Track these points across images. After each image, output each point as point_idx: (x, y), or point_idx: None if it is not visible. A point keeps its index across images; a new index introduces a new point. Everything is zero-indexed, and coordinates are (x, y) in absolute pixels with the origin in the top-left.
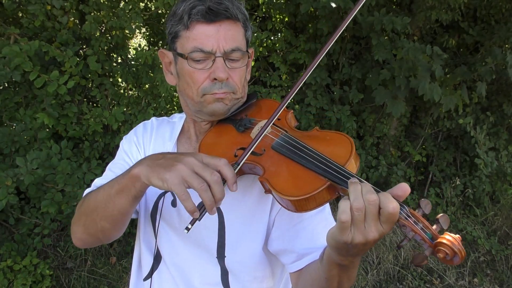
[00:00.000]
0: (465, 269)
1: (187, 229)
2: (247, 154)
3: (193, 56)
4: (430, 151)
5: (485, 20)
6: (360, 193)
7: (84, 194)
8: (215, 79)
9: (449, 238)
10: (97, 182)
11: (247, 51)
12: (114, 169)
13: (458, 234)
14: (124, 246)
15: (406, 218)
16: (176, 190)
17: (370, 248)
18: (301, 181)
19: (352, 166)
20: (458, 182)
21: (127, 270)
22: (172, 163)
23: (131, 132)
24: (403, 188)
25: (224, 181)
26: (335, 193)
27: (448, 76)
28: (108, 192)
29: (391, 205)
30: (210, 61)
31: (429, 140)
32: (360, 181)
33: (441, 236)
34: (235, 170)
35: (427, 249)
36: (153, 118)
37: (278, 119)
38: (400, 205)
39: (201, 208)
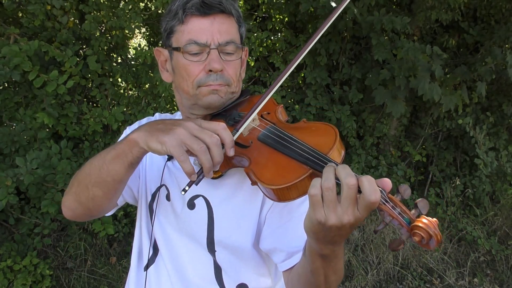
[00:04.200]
0: (465, 269)
1: (184, 190)
2: (243, 124)
3: (188, 49)
4: (430, 151)
5: (485, 20)
6: (333, 174)
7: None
8: (210, 70)
9: (425, 221)
10: None
11: (241, 45)
12: None
13: (458, 234)
14: (124, 246)
15: (384, 203)
16: (174, 152)
17: (347, 234)
18: (284, 170)
19: (336, 154)
20: (458, 182)
21: (127, 270)
22: (171, 128)
23: (135, 123)
24: (384, 184)
25: (222, 145)
26: None
27: (448, 76)
28: (103, 157)
29: (374, 195)
30: (205, 54)
31: (429, 140)
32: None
33: (418, 219)
34: (234, 136)
35: (404, 234)
36: (157, 114)
37: (268, 113)
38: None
39: (198, 171)
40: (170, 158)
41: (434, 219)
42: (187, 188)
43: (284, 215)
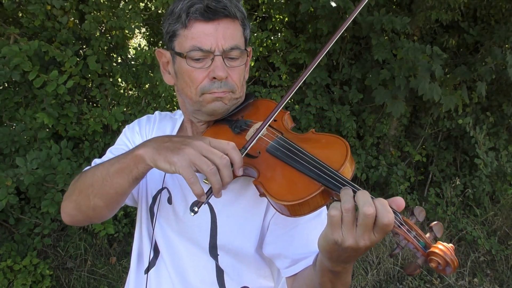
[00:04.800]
0: (465, 269)
1: (194, 211)
2: (251, 143)
3: (192, 55)
4: (430, 151)
5: (485, 20)
6: (352, 197)
7: (83, 171)
8: (214, 78)
9: (441, 247)
10: (97, 161)
11: (245, 49)
12: (116, 152)
13: (458, 234)
14: (124, 246)
15: (399, 226)
16: (184, 173)
17: (361, 255)
18: (295, 185)
19: (347, 170)
20: (458, 182)
21: (127, 270)
22: (180, 146)
23: (135, 122)
24: (397, 203)
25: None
26: (329, 198)
27: (448, 76)
28: (107, 169)
29: (387, 217)
30: (209, 60)
31: (429, 140)
32: (357, 188)
33: (434, 245)
34: (242, 154)
35: (420, 258)
36: (157, 112)
37: (275, 120)
38: (394, 213)
39: (208, 191)
40: None
41: (450, 245)
42: (196, 209)
43: (289, 221)
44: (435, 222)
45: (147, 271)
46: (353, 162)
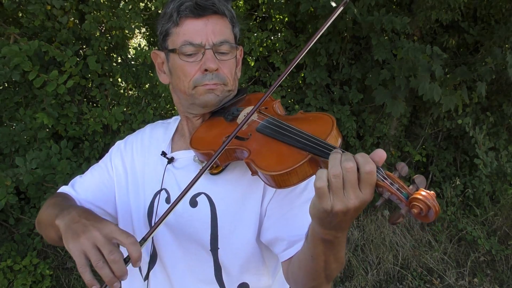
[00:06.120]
0: (465, 269)
1: None
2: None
3: (184, 50)
4: (430, 151)
5: (485, 20)
6: (339, 161)
7: (59, 190)
8: (206, 70)
9: (423, 193)
10: (77, 180)
11: (235, 45)
12: (94, 172)
13: (458, 234)
14: None
15: (383, 180)
16: (76, 260)
17: (352, 219)
18: (283, 157)
19: (333, 141)
20: (458, 182)
21: None
22: (79, 234)
23: (124, 140)
24: (379, 154)
25: (128, 258)
26: (317, 167)
27: (448, 76)
28: (48, 218)
29: (368, 166)
30: (200, 54)
31: (429, 140)
32: (342, 152)
33: (416, 192)
34: (141, 245)
35: (403, 208)
36: (148, 125)
37: (265, 107)
38: (377, 167)
39: (103, 284)
40: (170, 161)
41: (432, 192)
42: None
43: (284, 205)
44: (417, 175)
45: (146, 277)
46: (339, 135)
